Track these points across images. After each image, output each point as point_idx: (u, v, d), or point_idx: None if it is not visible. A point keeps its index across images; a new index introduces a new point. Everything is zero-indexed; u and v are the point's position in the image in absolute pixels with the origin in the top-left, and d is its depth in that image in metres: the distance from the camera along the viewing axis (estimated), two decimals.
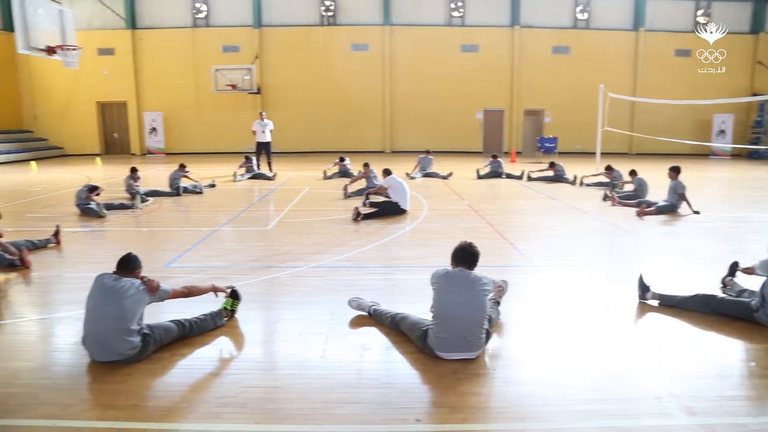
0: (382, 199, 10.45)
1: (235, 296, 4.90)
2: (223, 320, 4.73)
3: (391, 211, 9.78)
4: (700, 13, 24.78)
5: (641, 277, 5.24)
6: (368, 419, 3.30)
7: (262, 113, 17.55)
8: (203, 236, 8.40)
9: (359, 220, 9.30)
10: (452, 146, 24.87)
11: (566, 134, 23.81)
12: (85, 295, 4.17)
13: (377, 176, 12.09)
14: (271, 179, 15.41)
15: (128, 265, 4.21)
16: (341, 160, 15.99)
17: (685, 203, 9.92)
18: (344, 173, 15.33)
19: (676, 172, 10.17)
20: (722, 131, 24.62)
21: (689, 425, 3.22)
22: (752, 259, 5.11)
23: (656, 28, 24.75)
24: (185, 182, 12.98)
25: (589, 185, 13.69)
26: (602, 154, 17.24)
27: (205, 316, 4.60)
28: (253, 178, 15.60)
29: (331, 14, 24.86)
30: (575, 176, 14.26)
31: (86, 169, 19.50)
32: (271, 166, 16.89)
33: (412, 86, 25.13)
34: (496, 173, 15.63)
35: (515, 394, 3.61)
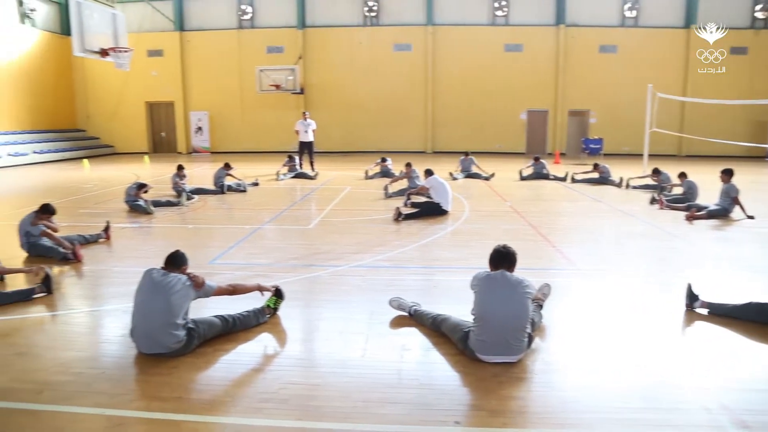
0: (423, 199, 10.43)
1: (279, 295, 4.98)
2: (265, 317, 4.80)
3: (432, 211, 9.75)
4: (758, 8, 23.81)
5: (690, 285, 5.05)
6: (407, 420, 3.30)
7: (305, 113, 17.74)
8: (246, 234, 8.55)
9: (400, 220, 9.30)
10: (495, 147, 24.61)
11: (612, 135, 23.25)
12: (132, 289, 4.30)
13: (419, 176, 12.07)
14: (313, 178, 15.56)
15: (176, 261, 4.33)
16: (383, 160, 16.03)
17: (738, 207, 9.54)
18: (386, 173, 15.35)
19: (728, 174, 9.79)
20: None
21: None
22: None
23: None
24: (229, 181, 13.24)
25: (635, 188, 13.33)
26: (650, 155, 16.76)
27: (248, 312, 4.69)
28: (295, 177, 15.79)
29: (374, 15, 24.95)
30: (621, 178, 13.92)
31: (135, 167, 20.10)
32: (313, 165, 17.05)
33: (454, 86, 24.98)
34: (539, 175, 15.39)
35: (557, 399, 3.55)
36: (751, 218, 9.36)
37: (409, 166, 12.64)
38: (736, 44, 23.69)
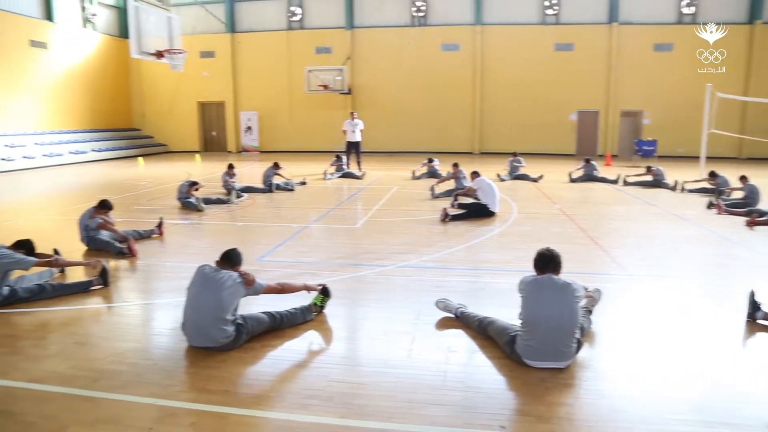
0: (470, 200, 10.35)
1: (326, 293, 5.04)
2: (312, 315, 4.86)
3: (479, 212, 9.66)
4: None
5: (752, 293, 4.81)
6: (452, 422, 3.28)
7: (353, 113, 17.84)
8: (294, 232, 8.66)
9: (447, 221, 9.25)
10: (543, 148, 24.15)
11: (667, 137, 22.52)
12: (183, 283, 4.43)
13: (466, 177, 11.98)
14: (360, 178, 15.65)
15: (230, 259, 4.44)
16: (429, 160, 15.98)
17: None
18: (432, 174, 15.31)
19: None
20: None
21: None
22: None
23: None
24: (278, 179, 13.46)
25: (691, 191, 12.85)
26: (707, 158, 16.12)
27: (295, 309, 4.76)
28: (342, 176, 15.92)
29: (422, 15, 24.90)
30: (676, 181, 13.46)
31: (187, 165, 20.67)
32: (360, 165, 17.14)
33: (502, 86, 24.68)
34: (589, 177, 15.04)
35: (607, 407, 3.45)
36: None
37: (456, 166, 12.57)
38: None
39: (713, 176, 12.22)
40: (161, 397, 3.60)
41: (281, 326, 4.62)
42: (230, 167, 12.69)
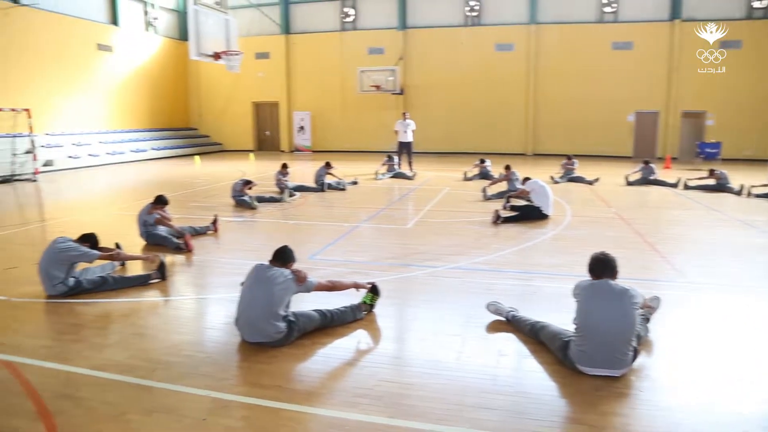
0: (523, 202, 10.19)
1: (375, 292, 5.06)
2: (362, 314, 4.89)
3: (532, 215, 9.50)
4: None
5: None
6: (501, 427, 3.24)
7: (404, 113, 17.84)
8: (345, 231, 8.73)
9: (499, 223, 9.14)
10: (599, 150, 23.49)
11: (732, 139, 21.53)
12: (236, 279, 4.54)
13: (519, 179, 11.80)
14: (411, 179, 15.64)
15: (282, 257, 4.53)
16: (481, 161, 15.82)
17: None
18: (484, 175, 15.15)
19: None
20: None
21: None
22: None
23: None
24: (329, 179, 13.60)
25: (759, 196, 12.22)
26: None
27: (345, 308, 4.80)
28: (394, 177, 15.95)
29: (475, 14, 24.66)
30: (742, 186, 12.82)
31: (241, 163, 21.14)
32: (411, 165, 17.11)
33: (557, 86, 24.15)
34: (647, 180, 14.54)
35: (663, 420, 3.33)
36: None
37: (508, 168, 12.41)
38: None
39: None
40: (215, 389, 3.70)
41: (332, 324, 4.67)
42: (284, 166, 12.91)
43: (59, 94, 20.61)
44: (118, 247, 6.66)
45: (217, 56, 16.50)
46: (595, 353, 3.76)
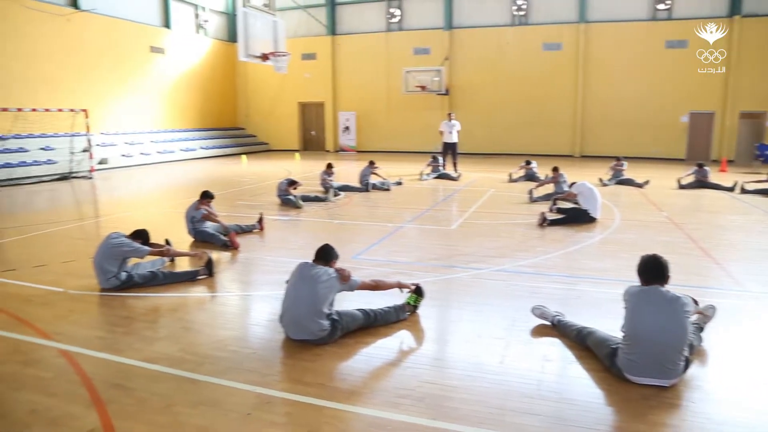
0: (570, 205, 10.00)
1: (419, 293, 5.05)
2: (405, 314, 4.89)
3: (579, 218, 9.30)
4: None
5: None
6: None
7: (450, 114, 17.73)
8: (389, 232, 8.75)
9: (545, 225, 8.99)
10: (650, 152, 22.85)
11: None
12: (281, 277, 4.60)
13: (566, 181, 11.58)
14: (456, 180, 15.54)
15: (325, 255, 4.58)
16: (527, 163, 15.58)
17: None
18: (530, 177, 14.92)
19: None
20: None
21: None
22: None
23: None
24: (374, 179, 13.65)
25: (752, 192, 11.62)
26: None
27: (389, 308, 4.81)
28: (438, 177, 15.88)
29: (522, 14, 24.32)
30: None
31: (287, 163, 21.45)
32: (456, 166, 16.99)
33: (607, 86, 23.57)
34: (701, 183, 14.03)
35: None
36: None
37: (556, 170, 12.19)
38: None
39: None
40: (259, 384, 3.76)
41: (375, 324, 4.69)
42: (329, 166, 13.02)
43: (114, 94, 21.39)
44: (167, 243, 6.85)
45: (265, 57, 16.78)
46: (644, 362, 3.65)
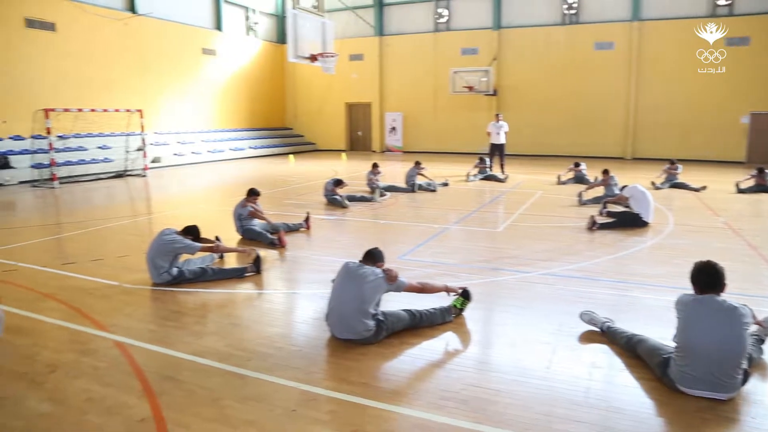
0: (621, 209, 9.74)
1: (466, 296, 5.02)
2: (451, 316, 4.86)
3: (630, 222, 9.05)
4: None
5: None
6: None
7: (498, 115, 17.53)
8: (434, 233, 8.71)
9: (595, 229, 8.78)
10: (707, 154, 21.99)
11: None
12: (327, 276, 4.65)
13: (617, 184, 11.28)
14: (503, 181, 15.35)
15: (373, 257, 4.63)
16: (576, 165, 15.26)
17: None
18: (579, 179, 14.61)
19: None
20: None
21: None
22: None
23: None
24: (420, 180, 13.63)
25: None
26: None
27: (435, 309, 4.79)
28: (485, 179, 15.73)
29: (573, 12, 23.82)
30: None
31: (333, 163, 21.64)
32: (503, 168, 16.78)
33: (661, 86, 22.83)
34: (761, 188, 13.43)
35: None
36: None
37: (606, 173, 11.91)
38: None
39: None
40: (304, 382, 3.81)
41: (420, 325, 4.68)
42: (375, 166, 13.07)
43: (167, 95, 22.07)
44: (217, 239, 7.01)
45: (313, 58, 16.97)
46: (698, 374, 3.51)
